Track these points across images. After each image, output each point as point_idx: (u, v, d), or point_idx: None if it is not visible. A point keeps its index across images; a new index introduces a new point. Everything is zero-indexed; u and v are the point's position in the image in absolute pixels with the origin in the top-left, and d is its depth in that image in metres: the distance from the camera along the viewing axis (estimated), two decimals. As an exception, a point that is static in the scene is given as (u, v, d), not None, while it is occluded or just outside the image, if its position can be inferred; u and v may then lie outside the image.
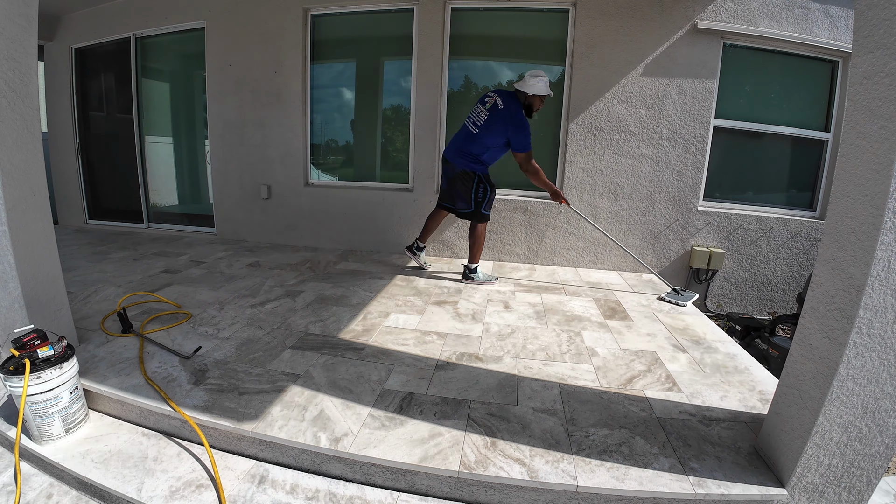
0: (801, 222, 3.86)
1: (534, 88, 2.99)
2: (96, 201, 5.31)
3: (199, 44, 4.39)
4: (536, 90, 2.99)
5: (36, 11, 1.84)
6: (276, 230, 4.52)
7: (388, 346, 2.26)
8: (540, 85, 2.99)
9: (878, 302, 1.18)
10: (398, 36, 4.05)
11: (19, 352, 1.53)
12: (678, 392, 1.91)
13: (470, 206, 3.22)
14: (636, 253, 3.96)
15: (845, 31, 3.62)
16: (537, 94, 3.02)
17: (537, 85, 2.98)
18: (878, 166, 1.14)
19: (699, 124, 3.72)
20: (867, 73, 1.18)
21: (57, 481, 1.53)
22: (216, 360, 2.03)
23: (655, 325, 2.68)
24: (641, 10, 3.59)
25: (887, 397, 1.26)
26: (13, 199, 1.78)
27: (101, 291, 2.89)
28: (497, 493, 1.40)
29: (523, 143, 3.00)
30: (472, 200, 3.20)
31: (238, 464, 1.53)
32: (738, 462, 1.47)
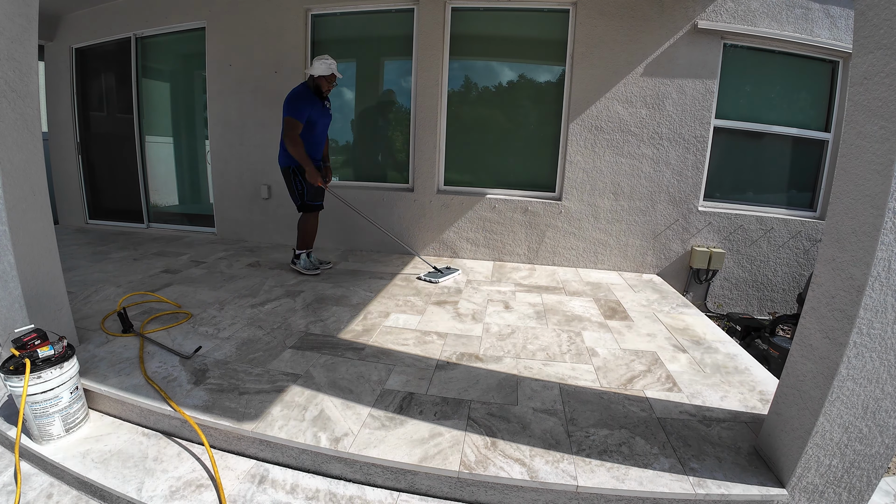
0: (801, 222, 3.86)
1: (316, 70, 3.12)
2: (96, 201, 5.31)
3: (200, 44, 4.39)
4: (318, 72, 3.11)
5: (36, 11, 1.85)
6: (276, 230, 4.52)
7: (389, 346, 2.26)
8: (321, 67, 3.10)
9: (879, 302, 1.18)
10: (398, 36, 4.05)
11: (19, 351, 1.53)
12: (678, 392, 1.91)
13: (297, 200, 3.35)
14: (637, 252, 3.96)
15: (846, 31, 3.62)
16: (321, 76, 3.12)
17: (319, 67, 3.11)
18: (878, 166, 1.14)
19: (699, 124, 3.72)
20: (867, 73, 1.18)
21: (57, 481, 1.53)
22: (216, 359, 2.03)
23: (656, 326, 2.68)
24: (641, 10, 3.59)
25: (887, 397, 1.26)
26: (13, 199, 1.78)
27: (102, 291, 2.89)
28: (497, 493, 1.40)
29: (288, 109, 3.08)
30: (295, 194, 3.33)
31: (238, 464, 1.53)
32: (739, 462, 1.47)
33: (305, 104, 3.09)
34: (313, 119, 3.15)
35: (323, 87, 3.18)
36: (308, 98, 3.12)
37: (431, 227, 4.16)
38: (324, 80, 3.15)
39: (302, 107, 3.07)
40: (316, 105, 3.16)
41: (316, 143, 3.28)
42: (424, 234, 4.18)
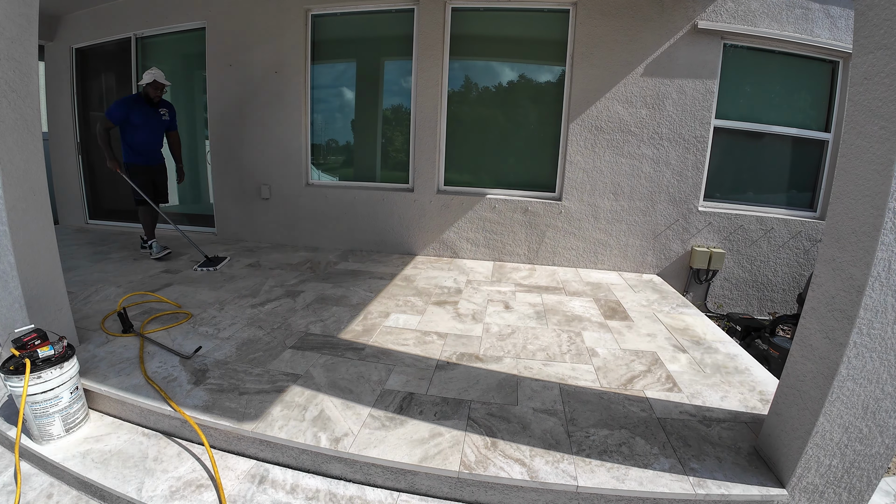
0: (801, 223, 3.86)
1: (143, 80, 3.52)
2: (96, 201, 5.31)
3: (200, 44, 4.39)
4: (143, 81, 3.52)
5: (36, 11, 1.85)
6: (276, 230, 4.52)
7: (389, 346, 2.26)
8: (146, 77, 3.51)
9: (879, 302, 1.18)
10: (398, 36, 4.05)
11: (20, 351, 1.53)
12: (678, 392, 1.91)
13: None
14: (637, 252, 3.96)
15: (846, 31, 3.62)
16: (147, 84, 3.51)
17: (144, 77, 3.51)
18: (878, 166, 1.14)
19: (699, 124, 3.72)
20: (868, 73, 1.18)
21: (57, 481, 1.53)
22: (216, 360, 2.03)
23: (656, 326, 2.68)
24: (642, 10, 3.59)
25: (888, 398, 1.26)
26: (13, 199, 1.78)
27: (102, 291, 2.89)
28: (497, 493, 1.40)
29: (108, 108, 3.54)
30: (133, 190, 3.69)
31: (238, 464, 1.53)
32: (739, 462, 1.47)
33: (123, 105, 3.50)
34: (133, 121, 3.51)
35: (152, 94, 3.55)
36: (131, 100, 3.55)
37: (431, 227, 4.16)
38: (150, 88, 3.52)
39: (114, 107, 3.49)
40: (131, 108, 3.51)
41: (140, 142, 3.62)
42: (424, 235, 4.18)
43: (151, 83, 3.51)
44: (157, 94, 3.56)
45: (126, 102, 3.50)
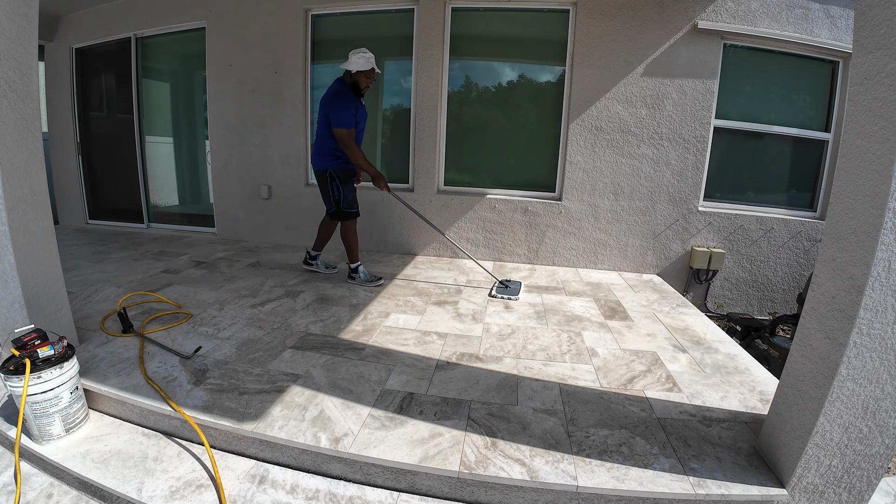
0: (801, 223, 3.86)
1: (353, 65, 2.88)
2: (97, 201, 5.31)
3: (200, 44, 4.39)
4: (355, 66, 2.87)
5: (36, 11, 1.85)
6: (276, 230, 4.52)
7: (389, 346, 2.26)
8: (359, 61, 2.86)
9: (879, 302, 1.18)
10: (398, 36, 4.05)
11: (20, 351, 1.53)
12: (678, 392, 1.91)
13: (332, 206, 3.13)
14: (637, 252, 3.96)
15: (846, 31, 3.62)
16: (360, 71, 2.89)
17: (357, 61, 2.87)
18: (878, 166, 1.14)
19: (699, 124, 3.72)
20: (868, 73, 1.18)
21: (57, 481, 1.53)
22: (216, 360, 2.03)
23: (656, 326, 2.68)
24: (642, 10, 3.59)
25: (888, 398, 1.26)
26: (13, 199, 1.78)
27: (102, 291, 2.89)
28: (497, 493, 1.40)
29: (338, 117, 2.84)
30: (331, 200, 3.10)
31: (238, 464, 1.53)
32: (739, 462, 1.47)
33: (351, 106, 2.86)
34: (357, 120, 2.93)
35: (361, 84, 2.95)
36: (351, 98, 2.90)
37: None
38: (362, 76, 2.92)
39: (349, 110, 2.85)
40: (357, 104, 2.94)
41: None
42: (425, 234, 4.18)
43: (368, 71, 2.91)
44: (369, 84, 2.98)
45: (349, 101, 2.87)
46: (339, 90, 2.91)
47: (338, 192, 3.07)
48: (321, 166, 3.04)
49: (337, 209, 3.12)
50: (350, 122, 2.86)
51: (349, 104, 2.86)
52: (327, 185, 3.06)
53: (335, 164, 3.01)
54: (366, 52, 2.89)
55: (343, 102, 2.85)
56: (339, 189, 3.06)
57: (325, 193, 3.11)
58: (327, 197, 3.11)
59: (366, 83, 2.95)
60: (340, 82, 2.96)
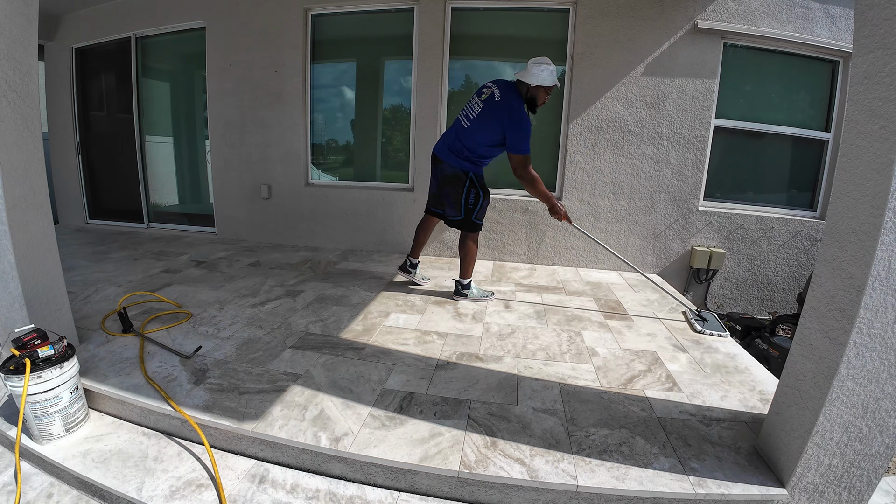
0: (801, 222, 3.86)
1: (537, 78, 2.53)
2: (96, 201, 5.31)
3: (200, 44, 4.39)
4: (540, 80, 2.53)
5: (36, 11, 1.84)
6: (276, 230, 4.52)
7: (389, 345, 2.26)
8: (544, 75, 2.53)
9: (879, 302, 1.18)
10: (398, 36, 4.05)
11: (20, 351, 1.53)
12: (678, 392, 1.91)
13: (460, 214, 2.78)
14: (637, 252, 3.96)
15: (846, 30, 3.62)
16: (541, 86, 2.56)
17: (541, 74, 2.52)
18: (878, 166, 1.14)
19: (700, 124, 3.72)
20: (868, 72, 1.18)
21: (57, 481, 1.53)
22: (216, 359, 2.03)
23: (656, 325, 2.68)
24: (642, 9, 3.59)
25: (888, 397, 1.26)
26: (13, 199, 1.78)
27: (102, 291, 2.89)
28: (497, 492, 1.40)
29: (519, 142, 2.55)
30: (461, 207, 2.76)
31: (238, 463, 1.53)
32: (739, 462, 1.47)
33: (530, 128, 2.57)
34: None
35: (539, 100, 2.62)
36: (528, 118, 2.59)
37: (431, 226, 4.16)
38: (542, 92, 2.59)
39: (528, 132, 2.55)
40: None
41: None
42: (424, 234, 4.18)
43: (549, 87, 2.59)
44: (545, 101, 2.66)
45: (529, 122, 2.58)
46: (520, 108, 2.56)
47: (474, 200, 2.76)
48: (460, 166, 2.71)
49: (466, 218, 2.79)
50: (528, 147, 2.57)
51: (529, 125, 2.56)
52: (462, 189, 2.72)
53: (475, 170, 2.74)
54: (549, 63, 2.55)
55: (526, 124, 2.54)
56: (480, 197, 2.77)
57: (456, 197, 2.75)
58: (457, 202, 2.76)
59: (544, 100, 2.64)
60: (517, 94, 2.59)
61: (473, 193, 2.76)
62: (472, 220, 2.81)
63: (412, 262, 3.16)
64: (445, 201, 2.85)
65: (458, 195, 2.75)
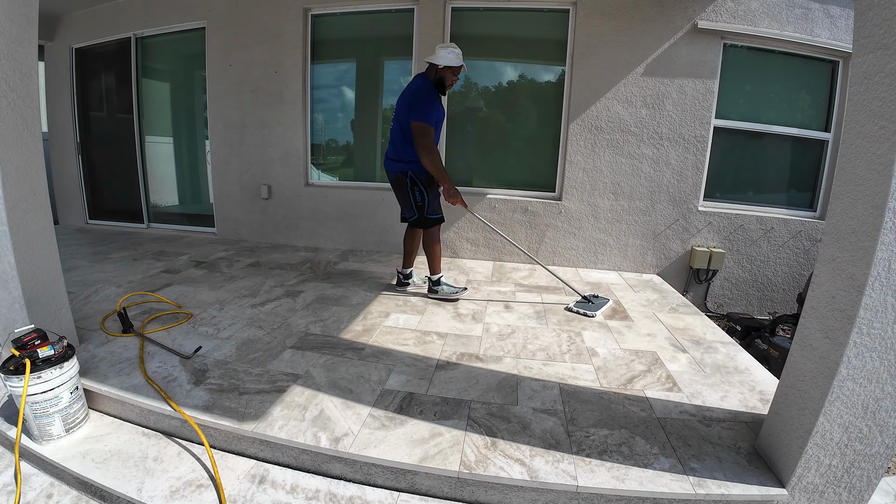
0: (801, 222, 3.86)
1: (443, 59, 2.65)
2: (96, 201, 5.31)
3: (200, 44, 4.40)
4: (447, 61, 2.65)
5: (36, 11, 1.85)
6: (276, 230, 4.52)
7: (389, 346, 2.26)
8: (450, 56, 2.65)
9: (879, 302, 1.18)
10: (398, 36, 4.05)
11: (20, 351, 1.53)
12: (678, 392, 1.91)
13: (414, 213, 2.84)
14: (637, 252, 3.97)
15: (846, 31, 3.62)
16: (448, 66, 2.67)
17: (447, 56, 2.65)
18: (878, 166, 1.14)
19: (699, 124, 3.72)
20: (867, 73, 1.18)
21: (57, 481, 1.53)
22: (216, 360, 2.03)
23: (656, 325, 2.68)
24: (642, 10, 3.59)
25: (888, 397, 1.26)
26: (13, 199, 1.78)
27: (102, 291, 2.89)
28: (497, 493, 1.40)
29: (421, 111, 2.59)
30: (413, 206, 2.83)
31: (238, 464, 1.53)
32: (739, 462, 1.47)
33: (436, 102, 2.64)
34: (437, 119, 2.69)
35: (447, 81, 2.73)
36: (435, 94, 2.68)
37: (431, 227, 4.15)
38: (450, 73, 2.70)
39: (433, 105, 2.62)
40: (440, 102, 2.71)
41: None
42: (424, 234, 4.18)
43: (456, 68, 2.70)
44: (454, 82, 2.76)
45: (435, 97, 2.66)
46: (424, 86, 2.68)
47: (421, 197, 2.79)
48: (399, 169, 2.79)
49: (420, 216, 2.83)
50: (432, 117, 2.62)
51: (434, 100, 2.64)
52: (407, 191, 2.80)
53: (414, 167, 2.76)
54: (455, 47, 2.69)
55: (428, 98, 2.62)
56: (424, 193, 2.79)
57: (406, 200, 2.84)
58: (407, 203, 2.84)
59: (452, 80, 2.74)
60: (423, 78, 2.74)
61: (418, 191, 2.80)
62: (426, 217, 2.85)
63: (404, 273, 3.15)
64: (401, 205, 2.95)
65: (406, 197, 2.83)
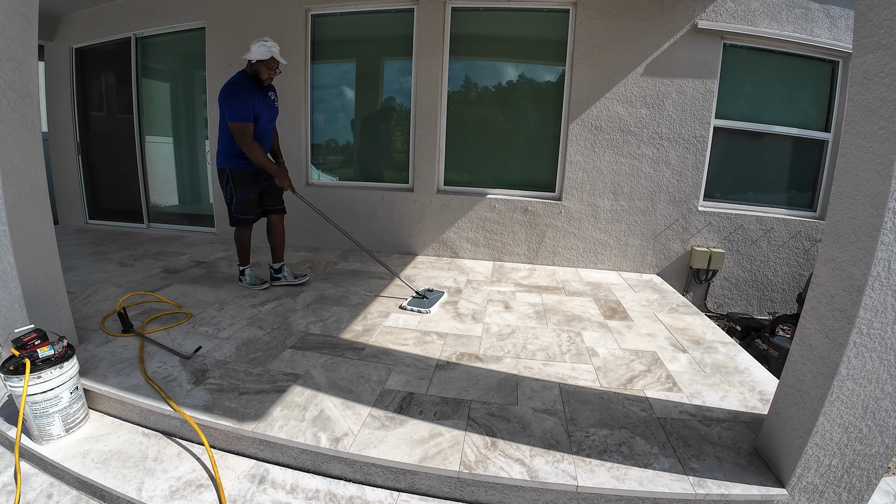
0: (801, 222, 3.86)
1: (253, 54, 2.65)
2: (96, 201, 5.31)
3: (200, 44, 4.39)
4: (257, 55, 2.64)
5: (36, 11, 1.85)
6: (276, 230, 4.51)
7: (389, 346, 2.26)
8: (261, 50, 2.64)
9: (879, 302, 1.18)
10: (398, 36, 4.05)
11: (19, 351, 1.53)
12: (678, 392, 1.91)
13: (230, 210, 2.90)
14: (637, 252, 3.97)
15: (845, 31, 3.62)
16: (261, 60, 2.66)
17: (257, 50, 2.64)
18: (878, 166, 1.14)
19: (699, 124, 3.72)
20: (867, 73, 1.18)
21: (57, 481, 1.53)
22: (216, 359, 2.03)
23: (656, 326, 2.68)
24: (642, 10, 3.59)
25: (887, 397, 1.26)
26: (13, 199, 1.78)
27: (102, 291, 2.89)
28: (497, 493, 1.40)
29: (233, 111, 2.61)
30: (227, 204, 2.88)
31: (238, 464, 1.53)
32: (739, 462, 1.47)
33: (246, 97, 2.64)
34: (257, 113, 2.72)
35: (262, 76, 2.72)
36: (248, 89, 2.67)
37: (431, 227, 4.16)
38: (262, 67, 2.70)
39: (244, 102, 2.63)
40: (257, 95, 2.71)
41: (259, 141, 2.78)
42: (424, 234, 4.18)
43: (267, 61, 2.68)
44: (269, 76, 2.75)
45: (245, 91, 2.65)
46: (235, 81, 2.69)
47: (230, 195, 2.84)
48: (218, 164, 2.84)
49: (229, 213, 2.91)
50: (246, 115, 2.63)
51: (244, 95, 2.64)
52: (224, 187, 2.86)
53: (233, 165, 2.79)
54: (267, 40, 2.68)
55: (237, 93, 2.63)
56: (232, 192, 2.83)
57: (225, 195, 2.90)
58: (226, 200, 2.90)
59: (267, 74, 2.73)
60: (241, 73, 2.75)
61: (230, 189, 2.83)
62: (232, 215, 2.90)
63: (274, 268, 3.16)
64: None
65: (224, 193, 2.87)
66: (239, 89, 2.65)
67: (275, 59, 2.69)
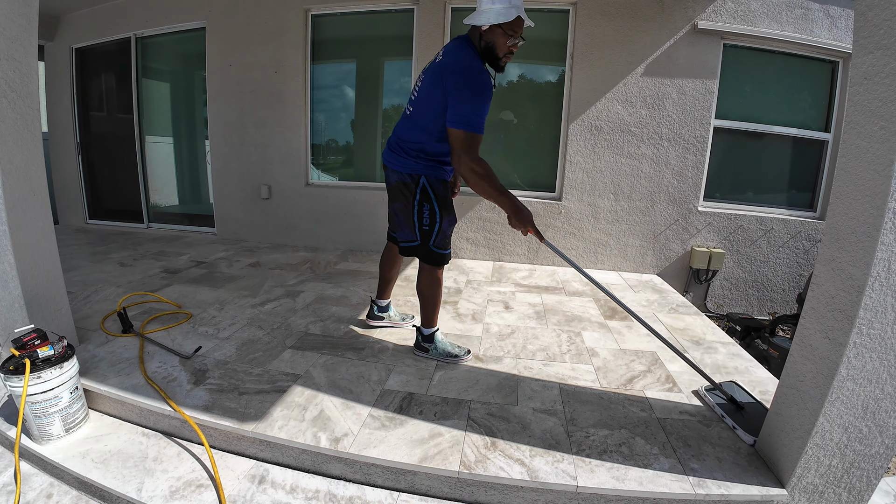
0: (801, 223, 3.86)
1: (487, 16, 1.69)
2: (96, 201, 5.31)
3: (200, 44, 4.39)
4: (495, 16, 1.69)
5: (36, 11, 1.84)
6: (276, 230, 4.52)
7: (389, 345, 2.25)
8: (498, 7, 1.68)
9: (879, 302, 1.18)
10: (398, 36, 4.05)
11: (19, 351, 1.52)
12: (678, 392, 1.91)
13: (415, 238, 1.92)
14: (637, 252, 3.96)
15: (845, 31, 3.62)
16: (497, 24, 1.71)
17: (493, 8, 1.69)
18: (878, 167, 1.14)
19: (699, 124, 3.72)
20: (867, 73, 1.18)
21: (57, 481, 1.53)
22: (216, 360, 2.03)
23: (656, 326, 2.68)
24: (642, 10, 3.59)
25: (887, 398, 1.26)
26: (13, 199, 1.78)
27: (102, 291, 2.89)
28: (497, 493, 1.40)
29: (462, 111, 1.68)
30: (416, 228, 1.90)
31: (238, 464, 1.53)
32: (739, 462, 1.47)
33: (488, 91, 1.74)
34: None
35: (500, 47, 1.77)
36: (488, 78, 1.75)
37: (431, 227, 4.15)
38: (500, 35, 1.74)
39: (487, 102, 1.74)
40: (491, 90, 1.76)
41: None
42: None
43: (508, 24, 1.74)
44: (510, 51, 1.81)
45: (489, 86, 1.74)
46: (478, 66, 1.73)
47: (429, 218, 1.88)
48: (406, 168, 1.86)
49: (423, 245, 1.92)
50: (482, 122, 1.73)
51: (489, 91, 1.73)
52: (412, 203, 1.87)
53: (431, 170, 1.86)
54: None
55: (482, 87, 1.70)
56: (436, 213, 1.88)
57: (407, 215, 1.90)
58: (409, 221, 1.90)
59: (508, 48, 1.78)
60: (466, 47, 1.77)
61: (428, 209, 1.87)
62: (431, 248, 1.92)
63: (379, 305, 2.38)
64: (396, 220, 1.99)
65: (409, 211, 1.88)
66: (485, 80, 1.71)
67: (521, 18, 1.73)
